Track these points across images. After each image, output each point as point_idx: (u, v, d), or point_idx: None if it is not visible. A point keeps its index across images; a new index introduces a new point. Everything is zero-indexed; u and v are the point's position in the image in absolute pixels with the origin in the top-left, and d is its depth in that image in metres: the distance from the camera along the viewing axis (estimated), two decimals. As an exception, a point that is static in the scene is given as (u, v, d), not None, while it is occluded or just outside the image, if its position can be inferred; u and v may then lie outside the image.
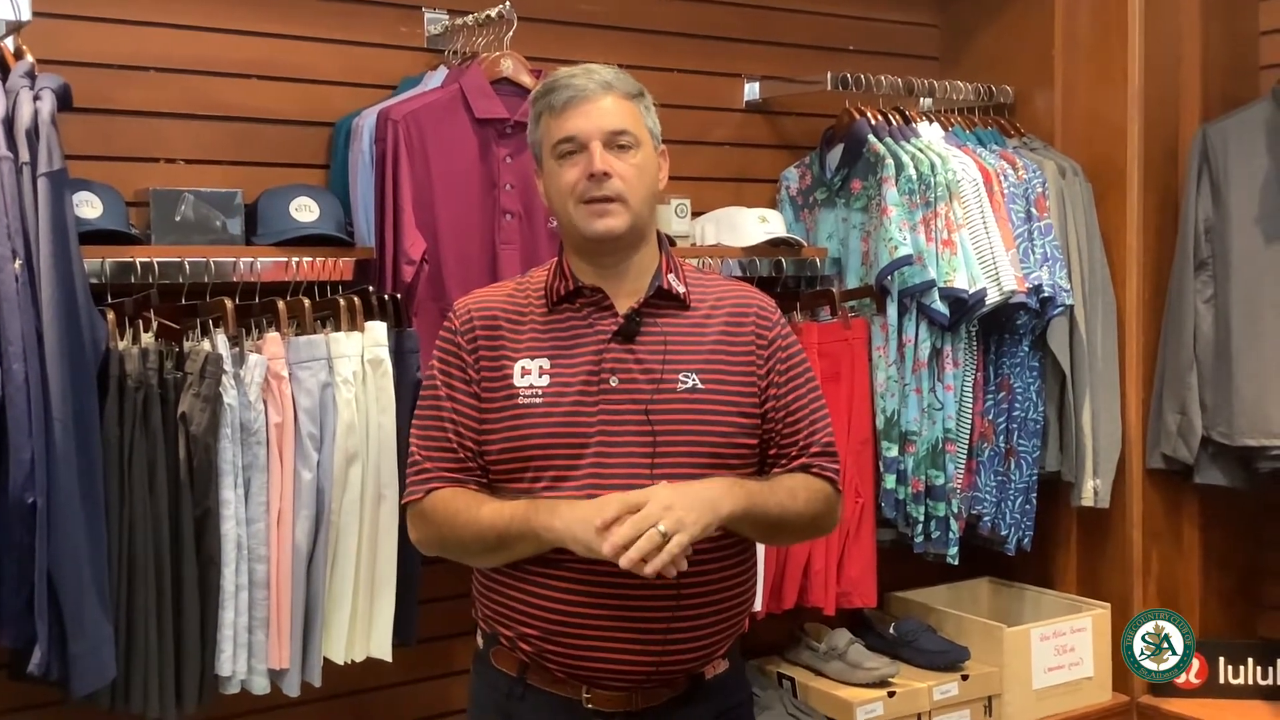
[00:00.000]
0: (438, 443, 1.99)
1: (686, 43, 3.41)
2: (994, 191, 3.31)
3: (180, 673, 2.42)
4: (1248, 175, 3.32)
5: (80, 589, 2.22)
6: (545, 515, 1.86)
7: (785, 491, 1.98)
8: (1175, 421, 3.41)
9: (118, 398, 2.36)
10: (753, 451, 2.01)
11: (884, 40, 3.74)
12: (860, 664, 3.19)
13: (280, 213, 2.68)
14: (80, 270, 2.28)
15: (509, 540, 1.91)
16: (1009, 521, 3.41)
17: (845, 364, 3.21)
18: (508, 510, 1.91)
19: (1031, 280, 3.29)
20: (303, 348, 2.55)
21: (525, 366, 1.97)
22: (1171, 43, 3.49)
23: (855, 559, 3.22)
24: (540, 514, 1.87)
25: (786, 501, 1.98)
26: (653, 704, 1.96)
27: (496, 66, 2.84)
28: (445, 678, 3.05)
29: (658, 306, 2.00)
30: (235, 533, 2.45)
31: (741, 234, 3.23)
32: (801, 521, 2.04)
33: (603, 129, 1.93)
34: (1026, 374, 3.40)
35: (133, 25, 2.70)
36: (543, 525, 1.86)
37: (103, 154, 2.65)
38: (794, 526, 2.06)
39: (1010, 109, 3.68)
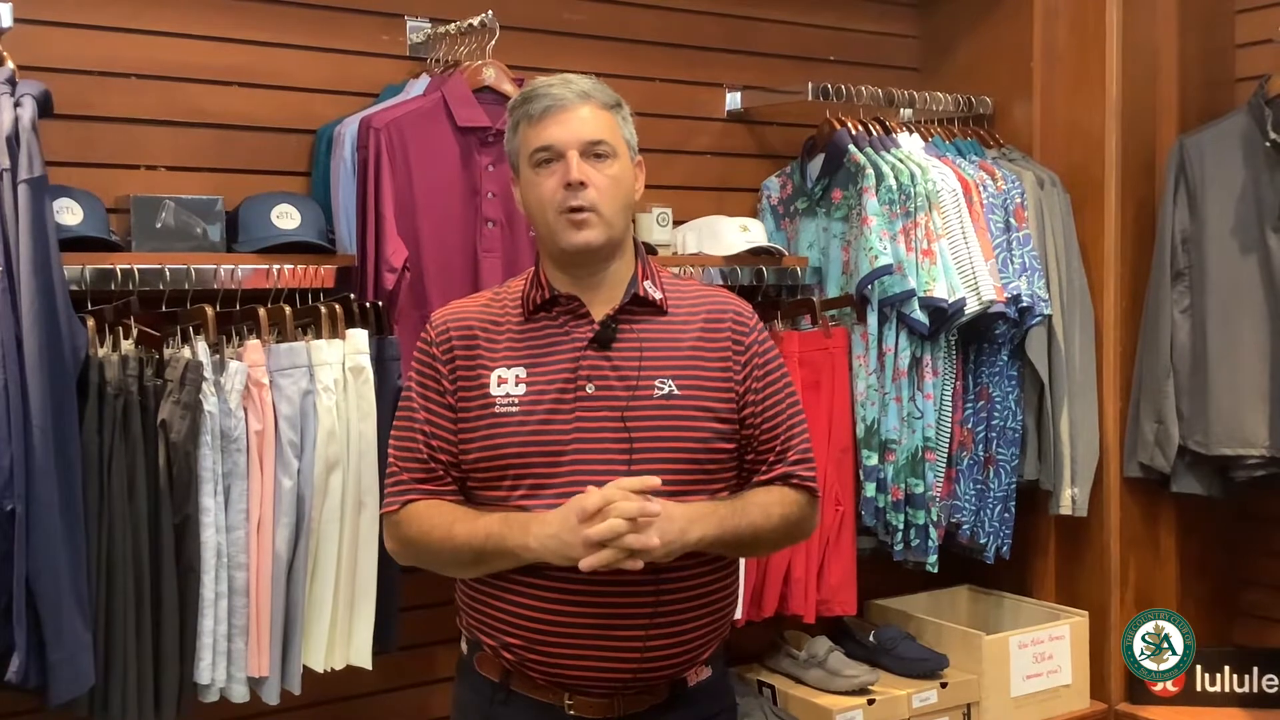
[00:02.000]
0: (412, 454, 2.00)
1: (668, 52, 3.42)
2: (973, 202, 3.33)
3: (159, 680, 2.41)
4: (1224, 186, 3.35)
5: (59, 596, 2.21)
6: (519, 535, 1.88)
7: (758, 511, 1.99)
8: (1152, 430, 3.43)
9: (97, 405, 2.35)
10: (730, 456, 2.02)
11: (864, 51, 3.76)
12: (840, 671, 3.20)
13: (261, 220, 2.67)
14: (60, 277, 2.28)
15: (486, 557, 1.93)
16: (988, 530, 3.42)
17: (826, 373, 3.22)
18: (481, 529, 1.92)
19: (1010, 290, 3.31)
20: (283, 355, 2.54)
21: (501, 375, 1.97)
22: (1149, 54, 3.52)
23: (835, 567, 3.23)
24: (514, 534, 1.88)
25: (759, 521, 1.99)
26: (635, 711, 1.96)
27: (479, 75, 2.85)
28: (426, 685, 3.05)
29: (634, 313, 2.00)
30: (215, 540, 2.45)
31: (723, 243, 3.24)
32: (775, 537, 2.07)
33: (580, 138, 1.94)
34: (1005, 383, 3.42)
35: (114, 32, 2.70)
36: (519, 545, 1.88)
37: (83, 160, 2.64)
38: (767, 543, 2.11)
39: (989, 120, 3.70)
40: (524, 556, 1.89)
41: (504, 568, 1.93)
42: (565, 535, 1.82)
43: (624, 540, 1.80)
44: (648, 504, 1.82)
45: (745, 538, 1.98)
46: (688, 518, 1.88)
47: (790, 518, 2.03)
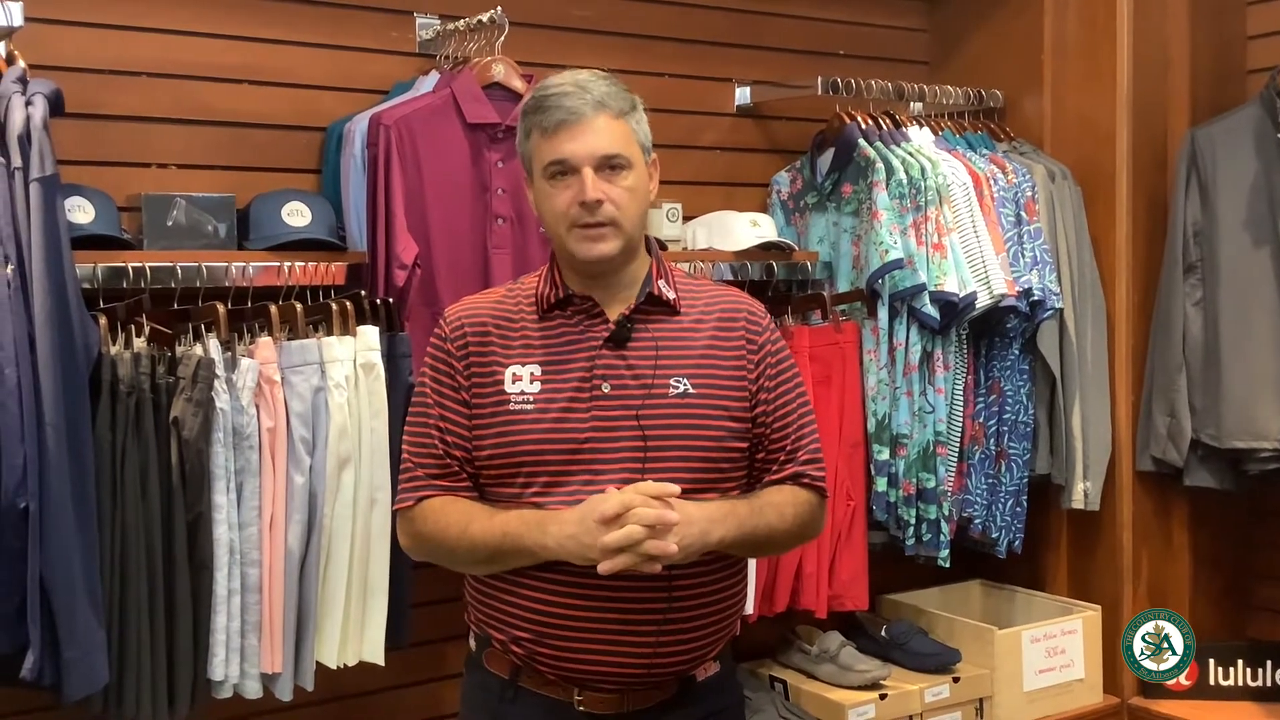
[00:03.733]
0: (427, 449, 2.00)
1: (678, 48, 3.42)
2: (984, 195, 3.33)
3: (173, 677, 2.42)
4: (1235, 179, 3.34)
5: (73, 594, 2.22)
6: (536, 534, 1.88)
7: (774, 512, 1.99)
8: (1165, 424, 3.42)
9: (110, 403, 2.36)
10: (743, 455, 2.01)
11: (874, 45, 3.76)
12: (852, 666, 3.20)
13: (272, 217, 2.68)
14: (72, 275, 2.29)
15: (502, 555, 1.93)
16: (1000, 524, 3.42)
17: (836, 367, 3.22)
18: (498, 528, 1.92)
19: (1021, 284, 3.30)
20: (295, 352, 2.55)
21: (516, 373, 1.97)
22: (1160, 47, 3.51)
23: (847, 562, 3.23)
24: (532, 533, 1.88)
25: (775, 522, 1.99)
26: (644, 706, 1.96)
27: (488, 71, 2.85)
28: (437, 681, 3.05)
29: (648, 313, 2.00)
30: (228, 537, 2.45)
31: (733, 238, 3.23)
32: (789, 538, 2.07)
33: (594, 154, 1.92)
34: (1017, 377, 3.41)
35: (124, 30, 2.71)
36: (536, 544, 1.88)
37: (95, 159, 2.65)
38: (780, 543, 2.11)
39: (1000, 113, 3.69)
40: (541, 555, 1.89)
41: (520, 565, 1.93)
42: (584, 537, 1.83)
43: (643, 547, 1.80)
44: (666, 512, 1.82)
45: (761, 538, 1.98)
46: (708, 519, 1.88)
47: (802, 518, 2.04)
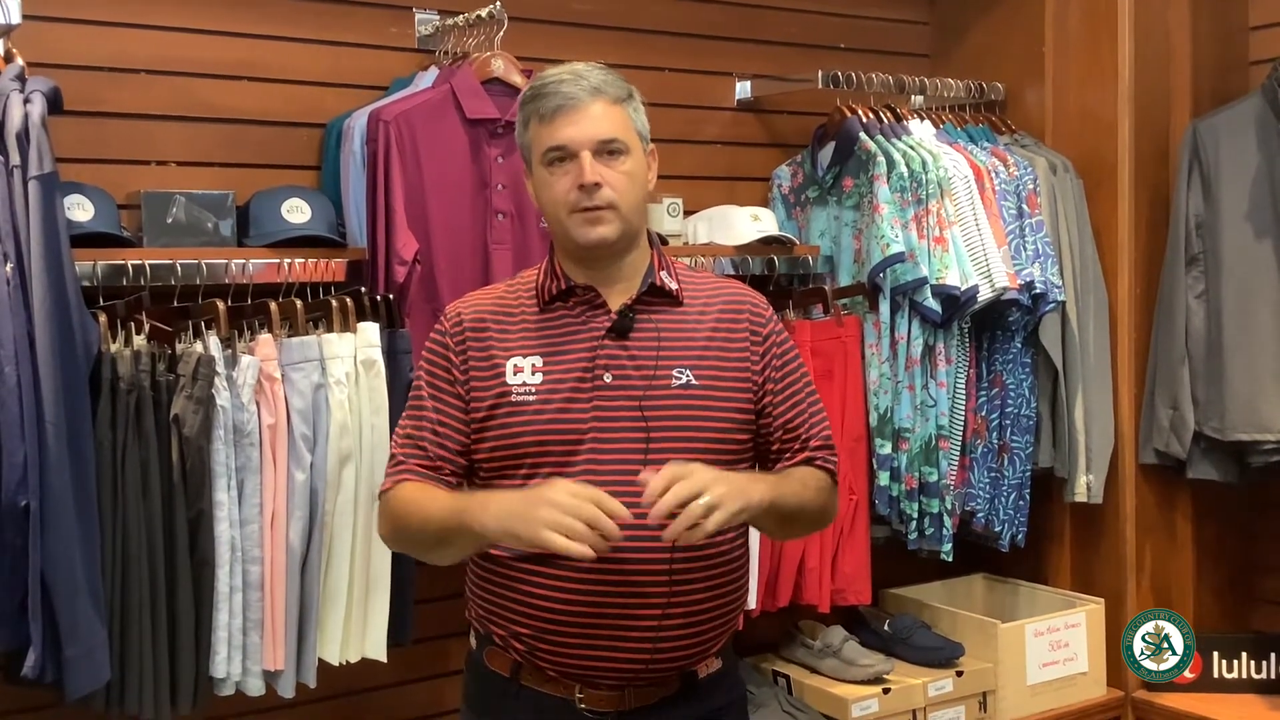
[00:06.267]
0: (415, 443, 2.00)
1: (678, 42, 3.41)
2: (985, 188, 3.32)
3: (175, 674, 2.42)
4: (1238, 171, 3.32)
5: (74, 592, 2.22)
6: (478, 511, 1.84)
7: (798, 483, 2.00)
8: (1168, 417, 3.41)
9: (110, 400, 2.36)
10: (745, 447, 2.02)
11: (875, 38, 3.75)
12: (855, 661, 3.19)
13: (272, 214, 2.68)
14: (72, 273, 2.28)
15: (448, 535, 1.90)
16: (1002, 518, 3.41)
17: (838, 361, 3.21)
18: (448, 503, 1.90)
19: (1023, 277, 3.30)
20: (295, 349, 2.55)
21: (517, 364, 1.97)
22: (1161, 38, 3.50)
23: (850, 556, 3.22)
24: (473, 509, 1.85)
25: (801, 492, 2.00)
26: (645, 703, 1.96)
27: (487, 67, 2.84)
28: (440, 678, 3.05)
29: (650, 303, 2.00)
30: (229, 534, 2.45)
31: (734, 232, 3.23)
32: (813, 512, 2.06)
33: (593, 138, 1.93)
34: (1019, 370, 3.40)
35: (122, 27, 2.70)
36: (475, 522, 1.83)
37: (94, 157, 2.65)
38: (807, 517, 2.08)
39: (1001, 106, 3.69)
40: (481, 536, 1.85)
41: (468, 550, 1.93)
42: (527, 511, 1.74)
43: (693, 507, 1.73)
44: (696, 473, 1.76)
45: (792, 507, 1.97)
46: (746, 477, 1.89)
47: (823, 495, 2.06)
